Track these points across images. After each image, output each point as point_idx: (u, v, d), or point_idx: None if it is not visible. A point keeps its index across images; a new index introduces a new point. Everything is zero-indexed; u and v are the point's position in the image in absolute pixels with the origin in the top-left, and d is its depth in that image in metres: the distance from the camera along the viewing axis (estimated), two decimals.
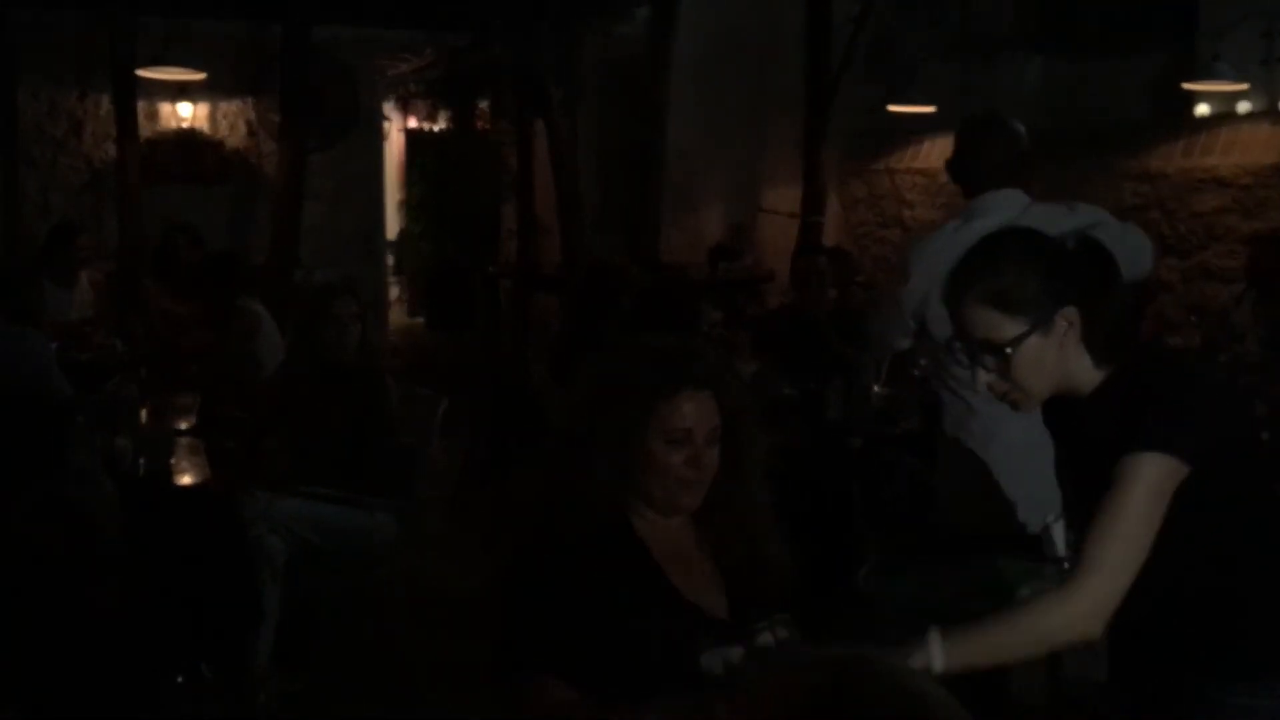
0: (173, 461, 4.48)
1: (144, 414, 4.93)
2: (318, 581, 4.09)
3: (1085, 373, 2.14)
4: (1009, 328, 2.10)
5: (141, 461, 4.28)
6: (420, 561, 4.82)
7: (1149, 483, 2.01)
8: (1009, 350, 2.10)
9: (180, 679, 1.93)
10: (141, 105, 9.07)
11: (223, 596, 3.88)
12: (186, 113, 9.93)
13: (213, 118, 10.10)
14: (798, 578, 2.23)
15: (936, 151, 10.36)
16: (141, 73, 8.75)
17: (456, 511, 6.19)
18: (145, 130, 9.35)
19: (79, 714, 2.08)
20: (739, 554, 2.20)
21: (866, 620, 2.76)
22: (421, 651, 4.50)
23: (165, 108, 9.86)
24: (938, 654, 1.96)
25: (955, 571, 2.92)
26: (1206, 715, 2.12)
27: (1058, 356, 2.11)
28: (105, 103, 9.36)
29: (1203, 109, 8.81)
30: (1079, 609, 2.02)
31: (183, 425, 5.01)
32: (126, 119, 8.70)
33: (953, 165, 3.66)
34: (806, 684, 1.31)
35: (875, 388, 5.59)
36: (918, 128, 10.17)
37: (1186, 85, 8.52)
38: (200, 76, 9.28)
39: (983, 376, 2.15)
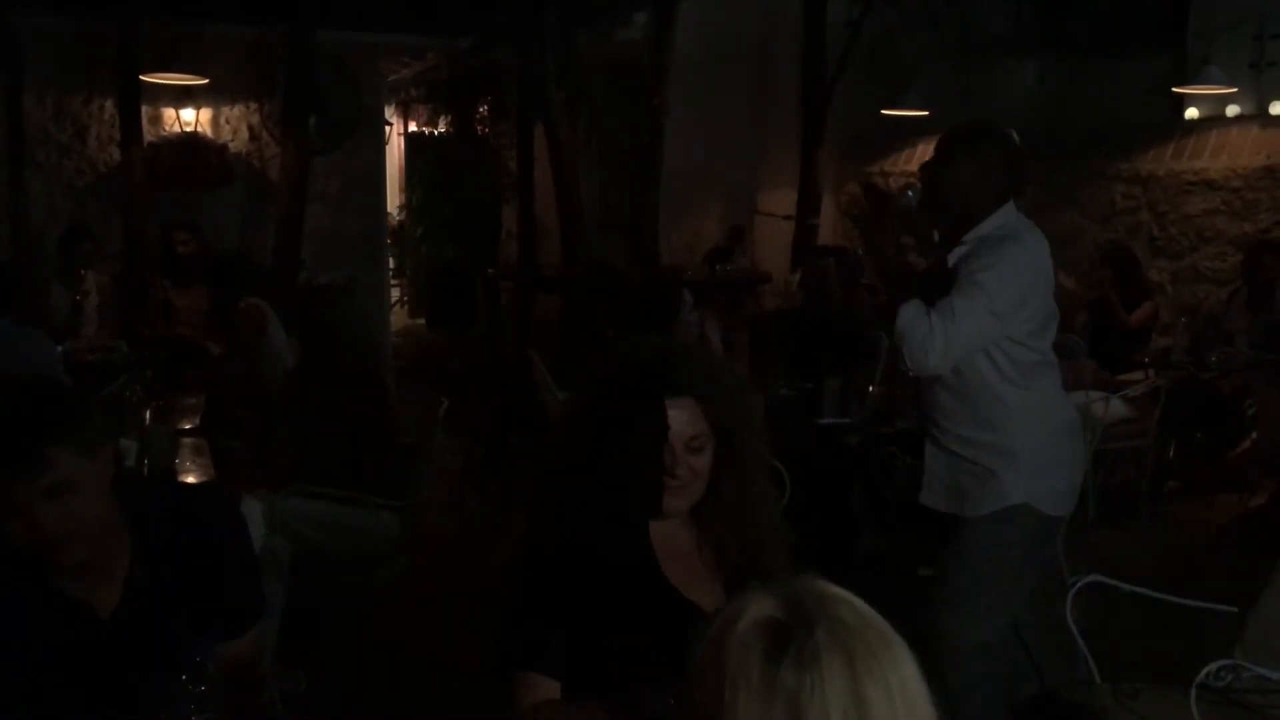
0: (177, 462, 4.51)
1: (148, 414, 4.95)
2: (320, 580, 4.13)
3: None
4: None
5: (145, 462, 4.27)
6: (422, 560, 4.85)
7: None
8: None
9: (184, 677, 1.96)
10: (145, 109, 9.08)
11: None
12: (189, 116, 9.96)
13: (215, 121, 10.11)
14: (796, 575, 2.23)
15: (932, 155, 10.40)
16: (146, 77, 8.77)
17: (457, 511, 6.25)
18: (148, 134, 9.37)
19: (83, 713, 2.11)
20: (737, 552, 2.17)
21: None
22: (423, 650, 4.54)
23: (168, 112, 9.87)
24: None
25: None
26: None
27: None
28: (110, 106, 9.39)
29: (1193, 112, 8.87)
30: None
31: (186, 425, 5.04)
32: (131, 122, 8.73)
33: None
34: None
35: (871, 387, 5.65)
36: (913, 131, 10.22)
37: (1177, 89, 8.59)
38: (203, 81, 9.33)
39: None
